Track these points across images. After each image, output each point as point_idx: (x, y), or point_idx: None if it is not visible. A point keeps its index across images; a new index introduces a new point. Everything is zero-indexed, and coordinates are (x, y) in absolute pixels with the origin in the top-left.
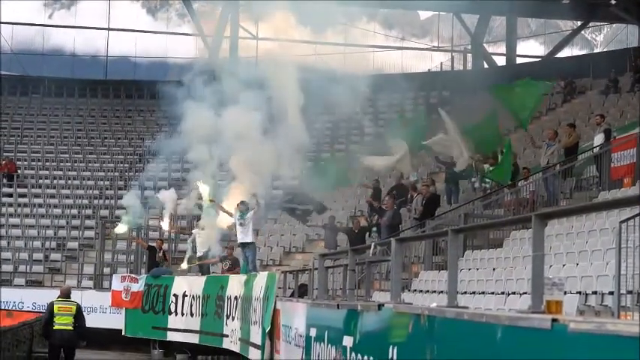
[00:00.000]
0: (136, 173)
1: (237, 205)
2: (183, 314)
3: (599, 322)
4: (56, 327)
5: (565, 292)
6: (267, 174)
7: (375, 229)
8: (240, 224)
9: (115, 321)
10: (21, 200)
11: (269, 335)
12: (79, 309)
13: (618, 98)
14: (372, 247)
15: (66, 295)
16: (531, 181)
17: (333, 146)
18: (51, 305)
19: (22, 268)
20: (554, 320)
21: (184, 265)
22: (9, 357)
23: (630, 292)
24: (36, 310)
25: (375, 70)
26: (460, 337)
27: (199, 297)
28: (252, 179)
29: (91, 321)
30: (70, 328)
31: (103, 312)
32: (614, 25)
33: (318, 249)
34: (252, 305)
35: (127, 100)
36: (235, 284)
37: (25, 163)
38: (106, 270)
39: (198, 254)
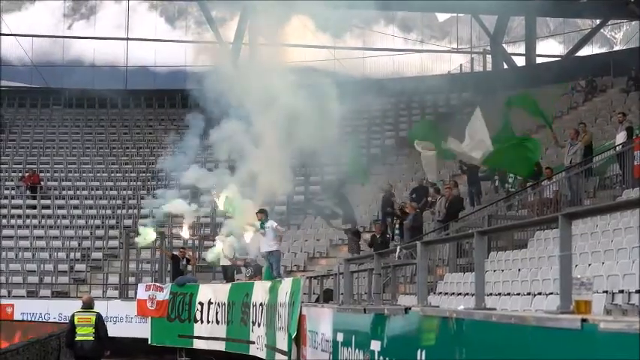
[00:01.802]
0: (159, 182)
1: (257, 213)
2: (208, 322)
3: (630, 322)
4: (78, 338)
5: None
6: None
7: (397, 232)
8: (262, 234)
9: (141, 330)
10: (45, 212)
11: (295, 341)
12: (98, 318)
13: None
14: (398, 250)
15: (88, 305)
16: (554, 180)
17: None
18: (72, 317)
19: (47, 279)
20: (583, 320)
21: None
22: None
23: None
24: (62, 322)
25: (394, 74)
26: (489, 339)
27: (224, 304)
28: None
29: (117, 330)
30: (91, 338)
31: (128, 321)
32: (633, 23)
33: (341, 254)
34: (278, 311)
35: (147, 109)
36: (260, 291)
37: (48, 174)
38: (131, 279)
39: (223, 262)
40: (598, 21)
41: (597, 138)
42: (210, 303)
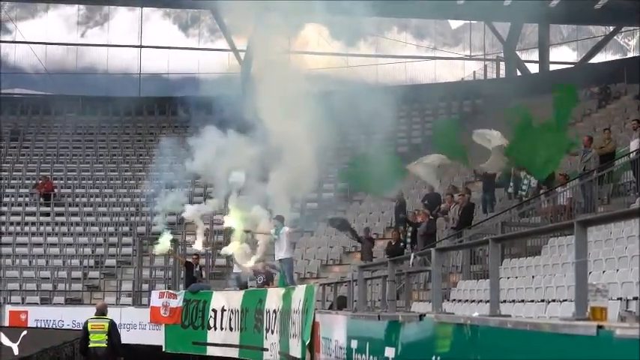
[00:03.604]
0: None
1: (273, 220)
2: (222, 329)
3: None
4: (91, 345)
5: None
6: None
7: (409, 240)
8: (275, 240)
9: (155, 337)
10: (58, 219)
11: (309, 348)
12: (111, 325)
13: None
14: (412, 257)
15: (101, 312)
16: (568, 187)
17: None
18: (85, 323)
19: (61, 286)
20: (599, 327)
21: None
22: None
23: None
24: (76, 329)
25: (407, 81)
26: (504, 345)
27: (238, 311)
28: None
29: (131, 337)
30: (104, 345)
31: (142, 328)
32: None
33: (355, 261)
34: (292, 318)
35: (160, 116)
36: (274, 298)
37: (62, 182)
38: (145, 286)
39: (235, 270)
40: (611, 28)
41: None
42: (223, 310)
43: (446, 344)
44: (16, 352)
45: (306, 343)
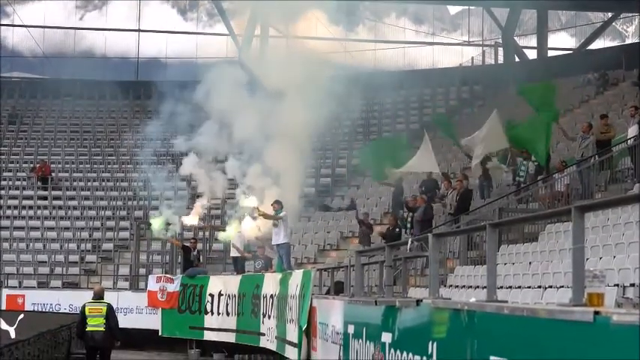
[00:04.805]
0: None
1: (272, 204)
2: (219, 314)
3: None
4: (88, 328)
5: None
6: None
7: (409, 225)
8: (274, 225)
9: (152, 321)
10: (56, 203)
11: (305, 333)
12: (109, 309)
13: None
14: (409, 242)
15: (99, 296)
16: (566, 174)
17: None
18: (83, 307)
19: (58, 270)
20: (596, 313)
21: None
22: (47, 358)
23: None
24: (73, 312)
25: (406, 66)
26: (500, 331)
27: (235, 296)
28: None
29: (128, 322)
30: (102, 329)
31: (139, 312)
32: None
33: (352, 246)
34: (288, 303)
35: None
36: (271, 283)
37: (59, 165)
38: (142, 271)
39: (233, 254)
40: (610, 14)
41: None
42: (220, 295)
43: (442, 330)
44: (12, 335)
45: (303, 328)
